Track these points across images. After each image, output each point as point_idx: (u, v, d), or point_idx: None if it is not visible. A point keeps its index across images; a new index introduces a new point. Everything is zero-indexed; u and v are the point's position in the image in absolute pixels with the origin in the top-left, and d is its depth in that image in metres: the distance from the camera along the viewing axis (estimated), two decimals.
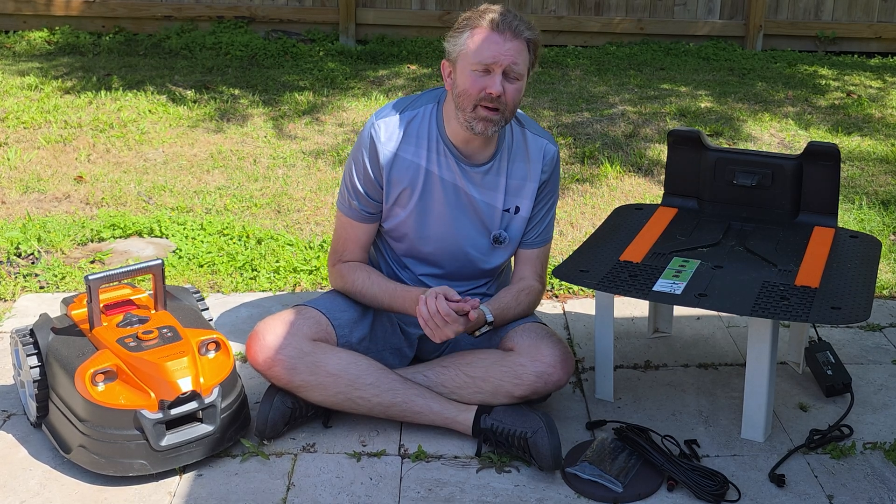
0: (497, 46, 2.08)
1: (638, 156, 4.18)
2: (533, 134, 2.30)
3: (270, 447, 2.17)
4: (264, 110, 4.74)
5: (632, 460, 2.10)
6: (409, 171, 2.22)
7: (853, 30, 6.42)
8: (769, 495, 2.05)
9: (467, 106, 2.11)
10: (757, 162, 2.55)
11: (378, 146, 2.21)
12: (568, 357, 2.19)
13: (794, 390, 2.47)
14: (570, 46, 6.33)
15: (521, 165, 2.27)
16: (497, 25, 2.09)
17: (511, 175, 2.27)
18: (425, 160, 2.22)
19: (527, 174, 2.28)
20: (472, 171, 2.24)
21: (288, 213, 3.57)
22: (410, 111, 2.23)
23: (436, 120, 2.22)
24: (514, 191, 2.28)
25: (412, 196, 2.24)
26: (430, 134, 2.22)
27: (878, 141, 4.55)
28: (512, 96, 2.11)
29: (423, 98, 2.26)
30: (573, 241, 3.35)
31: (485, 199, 2.26)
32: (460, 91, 2.12)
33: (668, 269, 2.24)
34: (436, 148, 2.22)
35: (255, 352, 2.16)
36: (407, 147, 2.21)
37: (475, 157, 2.23)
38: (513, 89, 2.11)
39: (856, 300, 2.10)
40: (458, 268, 2.34)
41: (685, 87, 5.36)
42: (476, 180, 2.24)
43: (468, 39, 2.10)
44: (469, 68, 2.10)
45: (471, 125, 2.13)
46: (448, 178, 2.23)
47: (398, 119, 2.22)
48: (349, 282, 2.31)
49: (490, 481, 2.08)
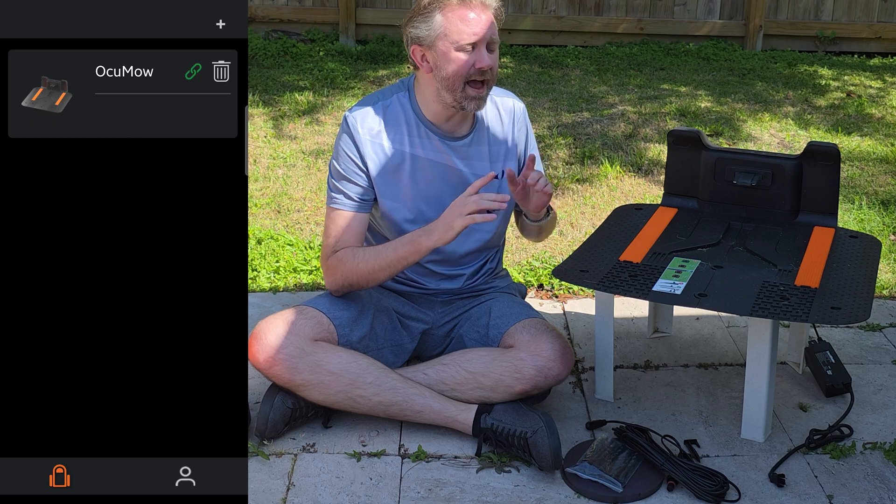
0: (476, 21, 2.13)
1: (638, 156, 4.18)
2: (498, 96, 2.35)
3: (270, 447, 2.17)
4: (264, 110, 4.74)
5: (632, 460, 2.10)
6: (394, 159, 2.24)
7: (853, 30, 6.42)
8: (769, 495, 2.05)
9: (457, 86, 2.15)
10: (757, 162, 2.55)
11: (357, 136, 2.22)
12: (567, 351, 2.20)
13: (794, 390, 2.47)
14: (570, 46, 6.33)
15: (497, 128, 2.33)
16: (467, 2, 2.14)
17: (492, 141, 2.32)
18: (409, 145, 2.24)
19: (505, 136, 2.33)
20: (457, 144, 2.27)
21: (288, 213, 3.57)
22: (383, 101, 2.26)
23: (410, 105, 2.26)
24: (497, 155, 2.32)
25: (401, 183, 2.25)
26: (408, 119, 2.25)
27: (878, 141, 4.55)
28: (495, 67, 2.18)
29: (392, 88, 2.30)
30: (573, 241, 3.35)
31: (473, 171, 2.29)
32: (448, 73, 2.15)
33: (667, 269, 2.24)
34: (416, 132, 2.24)
35: (256, 351, 2.16)
36: (387, 135, 2.24)
37: (457, 131, 2.27)
38: (495, 58, 2.18)
39: (856, 300, 2.10)
40: (459, 246, 2.34)
41: (685, 87, 5.36)
42: (462, 153, 2.28)
43: (444, 22, 2.13)
44: (450, 49, 2.13)
45: (462, 105, 2.17)
46: (435, 159, 2.26)
47: (372, 110, 2.24)
48: (348, 267, 2.23)
49: (490, 481, 2.08)
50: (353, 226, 2.28)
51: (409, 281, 2.40)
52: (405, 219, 2.29)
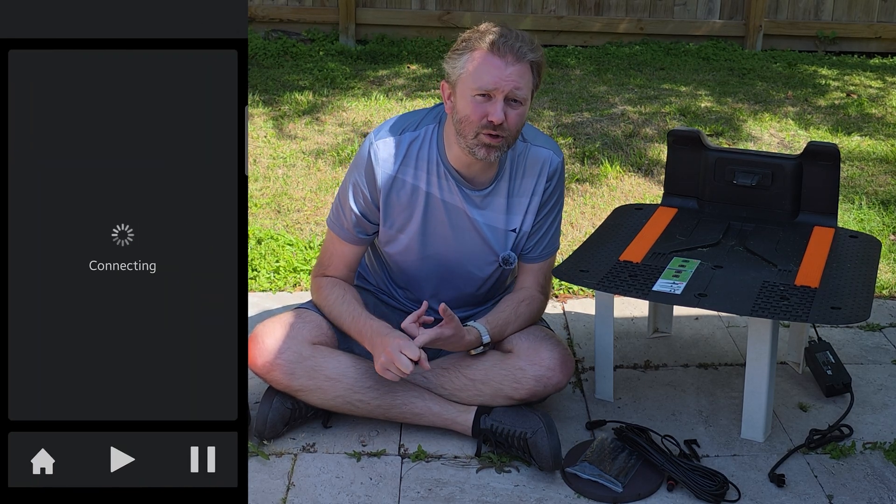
0: (498, 71, 2.00)
1: (638, 156, 4.18)
2: (536, 146, 2.21)
3: (270, 447, 2.17)
4: (264, 110, 4.73)
5: (632, 460, 2.10)
6: (409, 194, 2.17)
7: (853, 30, 6.42)
8: (769, 495, 2.05)
9: (469, 133, 2.05)
10: (757, 162, 2.55)
11: (376, 168, 2.15)
12: (567, 359, 2.18)
13: (794, 390, 2.47)
14: (570, 46, 6.33)
15: (522, 181, 2.21)
16: (498, 48, 2.00)
17: (513, 193, 2.21)
18: (426, 183, 2.16)
19: (529, 189, 2.21)
20: (474, 194, 2.18)
21: (288, 213, 3.57)
22: (411, 132, 2.16)
23: (436, 143, 2.16)
24: (516, 209, 2.22)
25: (413, 219, 2.19)
26: (430, 157, 2.16)
27: (878, 141, 4.55)
28: (514, 122, 2.05)
29: (424, 118, 2.20)
30: (573, 241, 3.35)
31: (487, 222, 2.20)
32: (461, 117, 2.05)
33: (667, 269, 2.23)
34: (436, 171, 2.16)
35: (254, 355, 2.15)
36: (406, 170, 2.16)
37: (476, 181, 2.18)
38: (515, 115, 2.04)
39: (856, 300, 2.10)
40: (459, 293, 2.29)
41: (685, 87, 5.36)
42: (478, 203, 2.19)
43: (468, 63, 2.02)
44: (469, 94, 2.02)
45: (473, 151, 2.06)
46: (450, 201, 2.18)
47: (398, 140, 2.15)
48: (323, 296, 2.25)
49: (490, 481, 2.08)
50: (347, 255, 2.26)
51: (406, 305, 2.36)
52: (412, 255, 2.24)
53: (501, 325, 2.18)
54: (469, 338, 2.12)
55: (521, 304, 2.23)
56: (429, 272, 2.27)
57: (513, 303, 2.23)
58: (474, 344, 2.14)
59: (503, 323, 2.18)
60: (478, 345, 2.15)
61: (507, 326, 2.19)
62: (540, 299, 2.28)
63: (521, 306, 2.23)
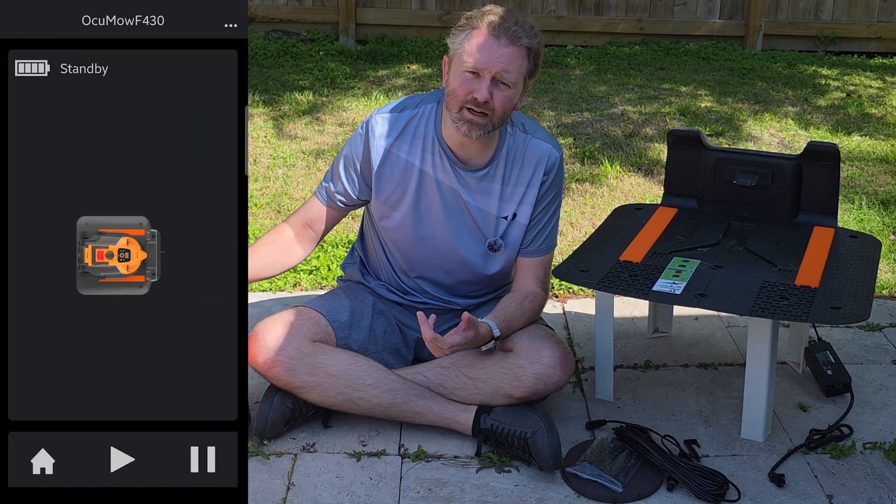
0: (490, 51, 2.05)
1: (638, 156, 4.18)
2: (536, 139, 2.24)
3: (270, 447, 2.17)
4: (264, 110, 4.73)
5: (632, 460, 2.10)
6: (403, 169, 2.21)
7: (853, 30, 6.42)
8: (769, 495, 2.05)
9: (454, 106, 2.10)
10: (757, 162, 2.55)
11: (371, 141, 2.20)
12: (567, 358, 2.18)
13: (794, 390, 2.47)
14: (570, 46, 6.33)
15: (519, 171, 2.23)
16: (494, 29, 2.06)
17: (507, 181, 2.22)
18: (420, 160, 2.20)
19: (525, 180, 2.23)
20: (467, 175, 2.20)
21: (288, 212, 3.57)
22: (410, 110, 2.22)
23: (434, 120, 2.21)
24: (510, 197, 2.23)
25: (405, 196, 2.22)
26: (426, 134, 2.20)
27: (878, 141, 4.55)
28: (501, 103, 2.08)
29: (426, 98, 2.25)
30: (573, 241, 3.35)
31: (478, 205, 2.22)
32: (449, 90, 2.11)
33: (667, 269, 2.24)
34: (431, 149, 2.20)
35: (255, 353, 2.15)
36: (401, 145, 2.20)
37: (471, 162, 2.20)
38: (502, 97, 2.08)
39: (856, 300, 2.10)
40: (456, 273, 2.30)
41: (685, 87, 5.36)
42: (471, 185, 2.21)
43: (465, 40, 2.08)
44: (461, 69, 2.07)
45: (457, 125, 2.11)
46: (443, 181, 2.21)
47: (397, 117, 2.21)
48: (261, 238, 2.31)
49: (490, 481, 2.08)
50: (311, 213, 2.31)
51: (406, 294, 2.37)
52: (406, 233, 2.26)
53: (509, 320, 2.19)
54: (482, 331, 2.13)
55: (524, 300, 2.24)
56: (425, 256, 2.28)
57: (517, 299, 2.24)
58: (487, 338, 2.15)
59: (510, 318, 2.19)
60: (489, 339, 2.15)
61: (514, 321, 2.20)
62: (541, 295, 2.29)
63: (525, 302, 2.23)
